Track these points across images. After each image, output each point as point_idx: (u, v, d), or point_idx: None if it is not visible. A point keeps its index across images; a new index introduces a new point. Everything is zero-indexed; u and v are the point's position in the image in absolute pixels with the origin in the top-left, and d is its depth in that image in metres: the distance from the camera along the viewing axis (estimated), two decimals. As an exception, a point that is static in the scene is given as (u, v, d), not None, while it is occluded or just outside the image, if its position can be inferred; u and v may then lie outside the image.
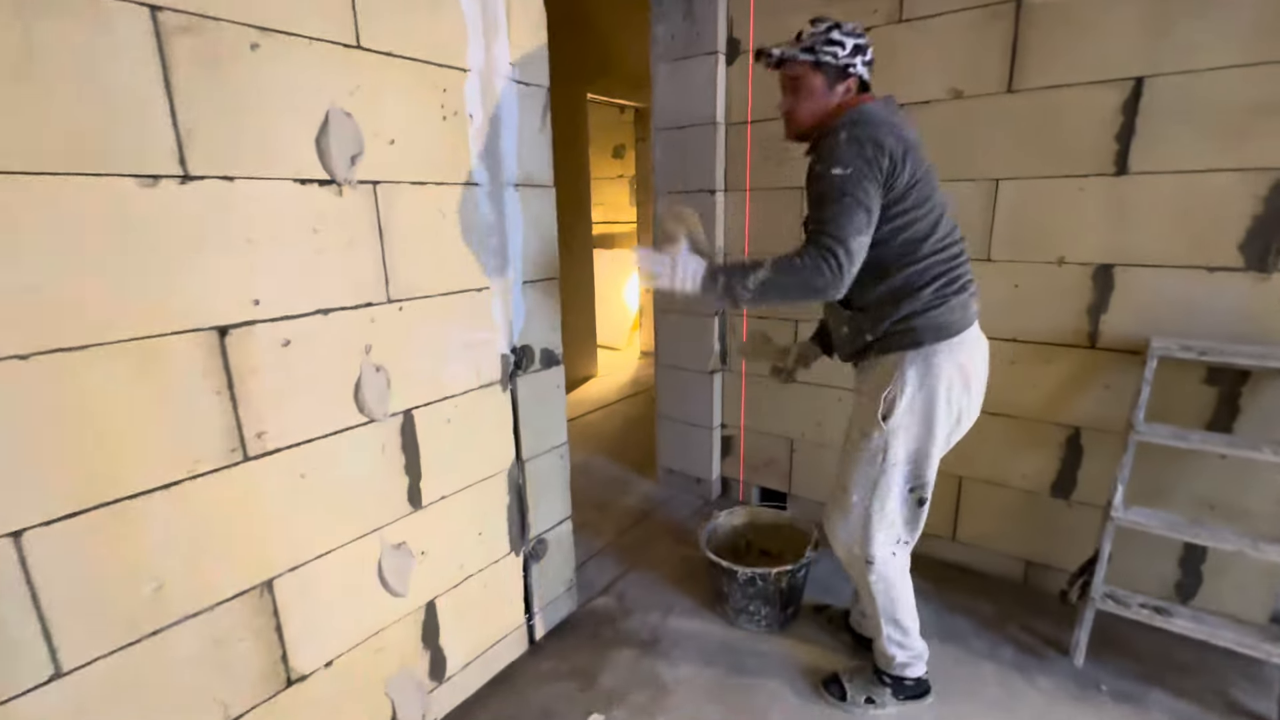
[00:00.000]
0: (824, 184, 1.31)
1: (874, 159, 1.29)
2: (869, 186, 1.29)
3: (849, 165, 1.28)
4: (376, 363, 1.33)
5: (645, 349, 5.69)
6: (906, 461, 1.44)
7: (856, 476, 1.49)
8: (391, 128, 1.28)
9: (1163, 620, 1.60)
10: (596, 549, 2.42)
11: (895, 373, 1.39)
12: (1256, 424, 1.67)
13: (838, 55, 1.38)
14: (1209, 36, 1.56)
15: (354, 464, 1.32)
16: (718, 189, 2.46)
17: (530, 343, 1.70)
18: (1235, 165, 1.59)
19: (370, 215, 1.27)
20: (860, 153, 1.28)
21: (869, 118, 1.34)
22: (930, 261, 1.37)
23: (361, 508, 1.35)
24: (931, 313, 1.36)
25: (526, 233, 1.63)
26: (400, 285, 1.35)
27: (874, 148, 1.29)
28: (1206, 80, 1.58)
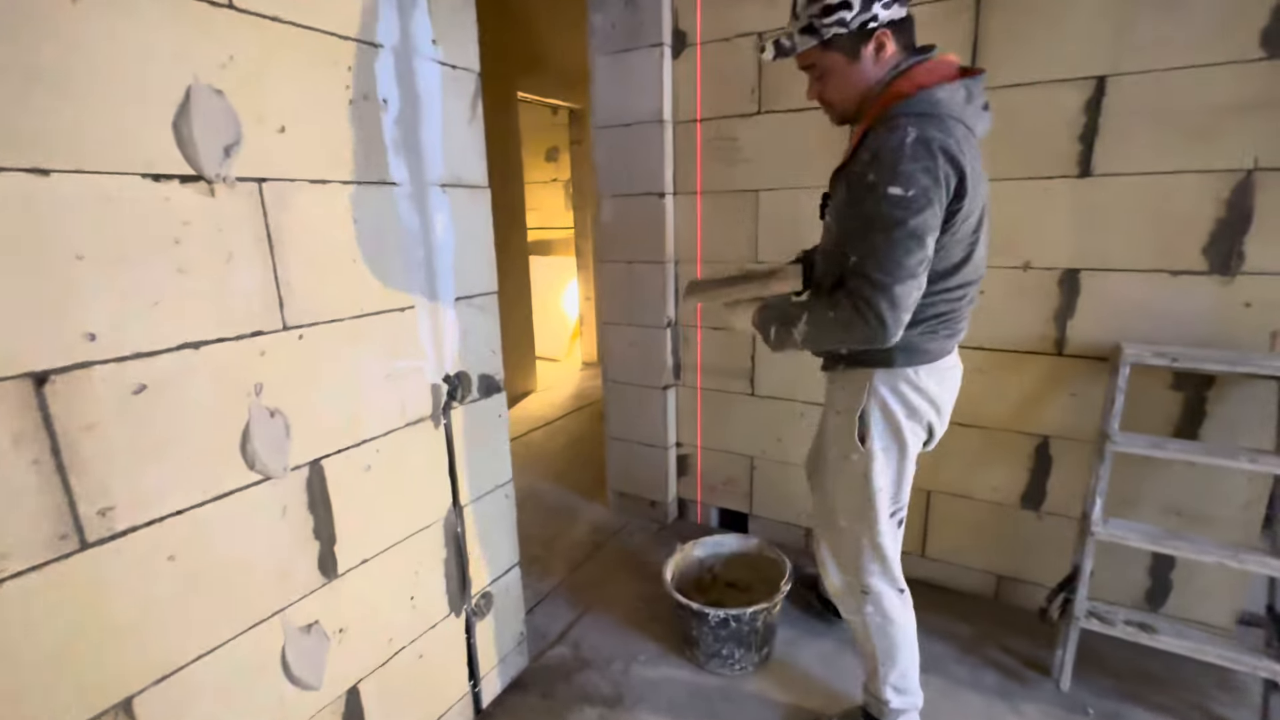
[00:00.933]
0: (873, 203, 1.08)
1: (944, 177, 1.06)
2: (932, 215, 1.07)
3: (911, 184, 1.05)
4: (270, 405, 1.06)
5: (587, 359, 5.47)
6: (890, 484, 1.33)
7: (843, 499, 1.38)
8: (280, 111, 1.02)
9: (1149, 638, 1.55)
10: (546, 590, 2.18)
11: (866, 390, 1.29)
12: (1223, 429, 1.65)
13: (845, 20, 1.12)
14: (1172, 34, 1.53)
15: (244, 534, 1.05)
16: (666, 192, 2.29)
17: (466, 369, 1.46)
18: (1199, 167, 1.56)
19: (255, 221, 1.01)
20: (929, 168, 1.05)
21: (944, 110, 1.09)
22: (941, 298, 1.22)
23: (256, 588, 1.08)
24: (913, 340, 1.24)
25: (458, 241, 1.39)
26: (299, 308, 1.09)
27: (946, 161, 1.05)
28: (1170, 80, 1.55)
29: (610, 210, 2.41)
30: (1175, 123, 1.56)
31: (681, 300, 1.47)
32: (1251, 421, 1.62)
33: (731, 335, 2.32)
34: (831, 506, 1.42)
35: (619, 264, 2.44)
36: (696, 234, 2.31)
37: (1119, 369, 1.58)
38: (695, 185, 2.27)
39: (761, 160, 2.13)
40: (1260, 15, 1.45)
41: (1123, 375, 1.58)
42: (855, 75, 1.20)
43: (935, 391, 1.29)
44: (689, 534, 2.50)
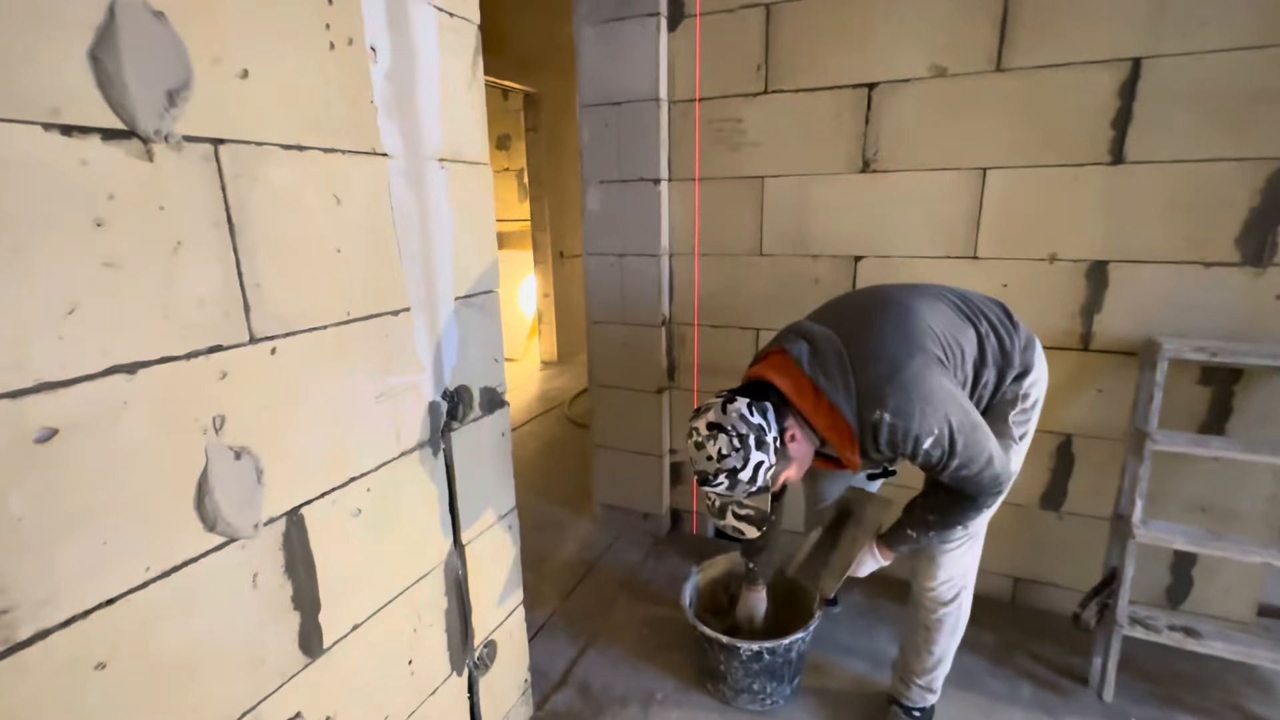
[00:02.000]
0: (926, 454, 1.10)
1: (939, 384, 1.10)
2: (960, 400, 1.11)
3: (933, 424, 1.07)
4: (236, 444, 0.80)
5: (546, 358, 5.21)
6: None
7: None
8: (243, 50, 0.76)
9: (1195, 643, 1.50)
10: (541, 621, 1.95)
11: (1018, 398, 1.32)
12: (1249, 424, 1.62)
13: (770, 463, 1.12)
14: (1212, 14, 1.46)
15: (202, 618, 0.78)
16: (661, 178, 2.09)
17: (467, 381, 1.22)
18: (1234, 155, 1.51)
19: (211, 197, 0.74)
20: (924, 404, 1.07)
21: (880, 363, 1.12)
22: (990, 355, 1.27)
23: (220, 685, 0.81)
24: (1017, 345, 1.30)
25: (458, 228, 1.15)
26: (271, 313, 0.83)
27: (929, 377, 1.09)
28: (1208, 63, 1.48)
29: (597, 198, 2.19)
30: (1211, 108, 1.50)
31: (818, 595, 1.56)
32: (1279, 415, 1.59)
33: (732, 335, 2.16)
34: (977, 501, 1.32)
35: (608, 257, 2.23)
36: (694, 224, 2.13)
37: (1157, 364, 1.52)
38: (693, 171, 2.08)
39: (768, 144, 1.96)
40: (1302, -3, 1.40)
41: (1161, 371, 1.52)
42: (805, 453, 1.21)
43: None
44: (685, 547, 2.33)
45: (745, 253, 2.07)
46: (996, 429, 1.26)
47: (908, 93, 1.77)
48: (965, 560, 1.38)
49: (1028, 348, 1.30)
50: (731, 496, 1.14)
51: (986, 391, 1.28)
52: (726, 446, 1.10)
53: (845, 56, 1.81)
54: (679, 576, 2.14)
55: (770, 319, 2.07)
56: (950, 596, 1.40)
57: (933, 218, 1.81)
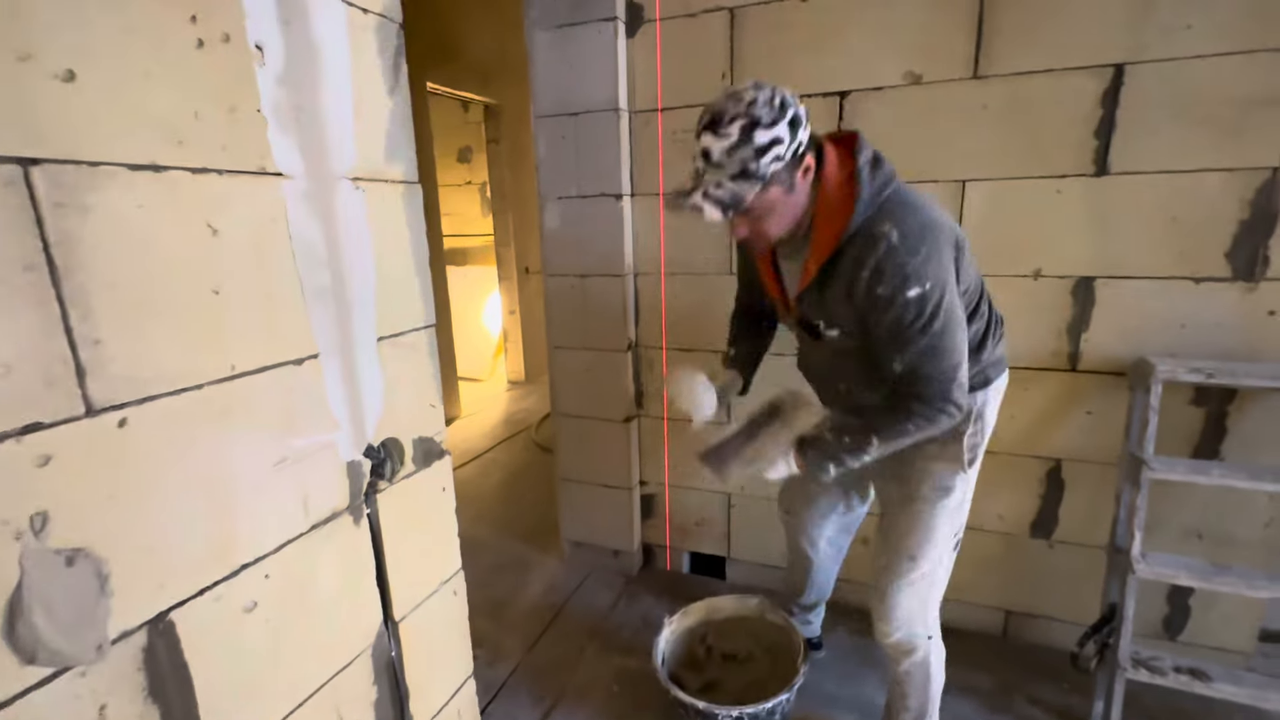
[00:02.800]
0: (898, 312, 1.03)
1: (940, 248, 1.03)
2: (953, 291, 1.05)
3: (925, 278, 1.00)
4: (65, 546, 0.62)
5: (513, 378, 5.02)
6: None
7: (933, 540, 1.25)
8: (64, 45, 0.59)
9: (1203, 686, 1.40)
10: (501, 679, 1.78)
11: (974, 415, 1.22)
12: (1245, 445, 1.55)
13: (781, 155, 0.99)
14: (1196, 18, 1.38)
15: (19, 778, 0.60)
16: (623, 193, 1.95)
17: (397, 433, 1.05)
18: (1222, 165, 1.43)
19: (20, 233, 0.57)
20: (927, 255, 1.00)
21: (897, 186, 1.07)
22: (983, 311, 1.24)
23: None
24: (997, 351, 1.28)
25: (380, 258, 0.99)
26: (117, 375, 0.66)
27: (933, 232, 1.03)
28: (1193, 69, 1.41)
29: (556, 215, 2.04)
30: (1197, 116, 1.43)
31: (709, 475, 1.35)
32: (1275, 435, 1.52)
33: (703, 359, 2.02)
34: (914, 553, 1.26)
35: (568, 278, 2.08)
36: (660, 242, 1.99)
37: (1150, 386, 1.43)
38: (658, 185, 1.95)
39: (735, 156, 1.84)
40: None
41: (1155, 394, 1.43)
42: (794, 203, 1.08)
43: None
44: (659, 586, 2.18)
45: (715, 271, 1.95)
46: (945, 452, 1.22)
47: (881, 101, 1.66)
48: (917, 602, 1.28)
49: (998, 363, 1.28)
50: (723, 166, 0.99)
51: None
52: (764, 102, 0.98)
53: (815, 63, 1.70)
54: (653, 621, 1.98)
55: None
56: (910, 647, 1.30)
57: (911, 233, 1.71)
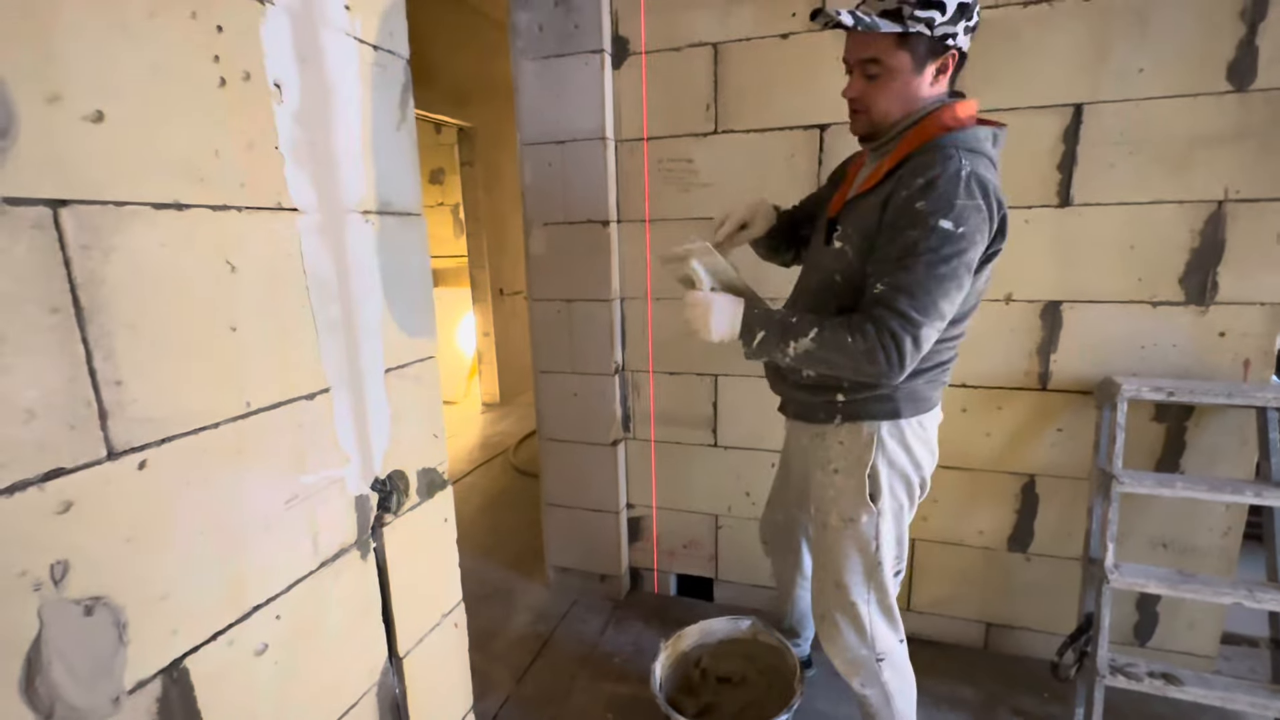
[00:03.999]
0: (919, 234, 1.01)
1: (991, 218, 1.02)
2: (974, 255, 1.03)
3: (963, 220, 0.99)
4: (85, 596, 0.60)
5: (488, 400, 4.97)
6: (895, 543, 1.28)
7: (850, 570, 1.26)
8: (93, 85, 0.59)
9: (1177, 690, 1.46)
10: (492, 712, 1.74)
11: (873, 445, 1.21)
12: (1202, 458, 1.64)
13: (934, 21, 1.00)
14: (1147, 63, 1.50)
15: (32, 843, 0.57)
16: (610, 219, 1.99)
17: (402, 465, 1.05)
18: (1174, 197, 1.54)
19: (46, 273, 0.56)
20: (980, 206, 1.00)
21: (987, 150, 1.08)
22: (950, 344, 1.20)
23: None
24: (918, 388, 1.20)
25: (387, 290, 0.99)
26: (138, 417, 0.64)
27: (995, 202, 1.02)
28: (1145, 109, 1.52)
29: (542, 241, 2.06)
30: (1151, 153, 1.54)
31: (661, 262, 1.35)
32: (1229, 450, 1.62)
33: (689, 382, 2.05)
34: (839, 580, 1.28)
35: (555, 303, 2.09)
36: (646, 268, 2.02)
37: (1116, 405, 1.51)
38: (644, 213, 1.99)
39: (719, 185, 1.90)
40: (1226, 49, 1.45)
41: (1121, 411, 1.51)
42: (912, 87, 1.09)
43: (933, 432, 1.27)
44: (648, 610, 2.17)
45: (700, 296, 1.98)
46: (848, 483, 1.23)
47: (859, 134, 1.74)
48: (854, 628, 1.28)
49: (920, 401, 1.21)
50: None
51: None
52: None
53: (796, 97, 1.77)
54: (643, 645, 1.98)
55: (729, 364, 1.98)
56: (856, 669, 1.30)
57: (889, 259, 1.78)
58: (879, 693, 1.31)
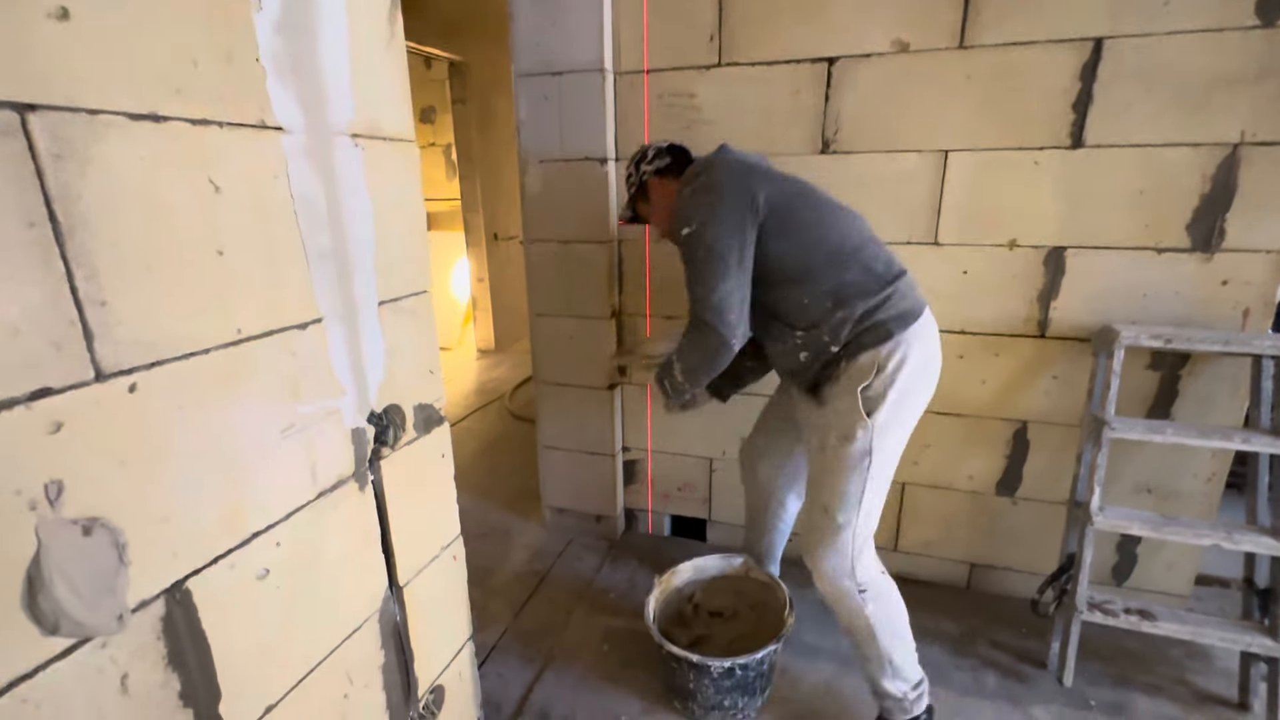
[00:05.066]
0: (681, 251, 1.33)
1: (731, 201, 1.27)
2: (726, 234, 1.26)
3: (693, 219, 1.28)
4: (82, 516, 0.60)
5: (483, 347, 4.95)
6: (890, 464, 1.31)
7: (842, 491, 1.29)
8: (57, -21, 0.55)
9: (1151, 625, 1.52)
10: (492, 643, 1.80)
11: (873, 368, 1.25)
12: (1193, 406, 1.66)
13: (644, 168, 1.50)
14: (1173, -6, 1.43)
15: (46, 749, 0.59)
16: (608, 157, 1.93)
17: (398, 400, 1.04)
18: (1189, 139, 1.50)
19: (19, 184, 0.54)
20: (708, 202, 1.28)
21: (718, 166, 1.34)
22: (860, 257, 1.30)
23: (79, 826, 0.63)
24: (890, 302, 1.27)
25: (379, 219, 0.96)
26: (125, 338, 0.63)
27: (729, 188, 1.28)
28: (1167, 45, 1.46)
29: (538, 179, 2.00)
30: (1169, 92, 1.49)
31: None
32: (1221, 398, 1.63)
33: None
34: (827, 504, 1.31)
35: (551, 244, 2.05)
36: (645, 208, 1.97)
37: (1114, 352, 1.51)
38: (643, 150, 1.92)
39: (723, 122, 1.83)
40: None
41: (1118, 358, 1.51)
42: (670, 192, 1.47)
43: (932, 347, 1.31)
44: (642, 550, 2.23)
45: (700, 239, 1.95)
46: (844, 404, 1.26)
47: (869, 69, 1.67)
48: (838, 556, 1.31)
49: (900, 318, 1.25)
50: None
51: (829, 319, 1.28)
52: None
53: (804, 27, 1.69)
54: (637, 582, 2.04)
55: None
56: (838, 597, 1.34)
57: (894, 202, 1.74)
58: (863, 625, 1.34)
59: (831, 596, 1.36)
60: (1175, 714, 1.53)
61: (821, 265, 1.28)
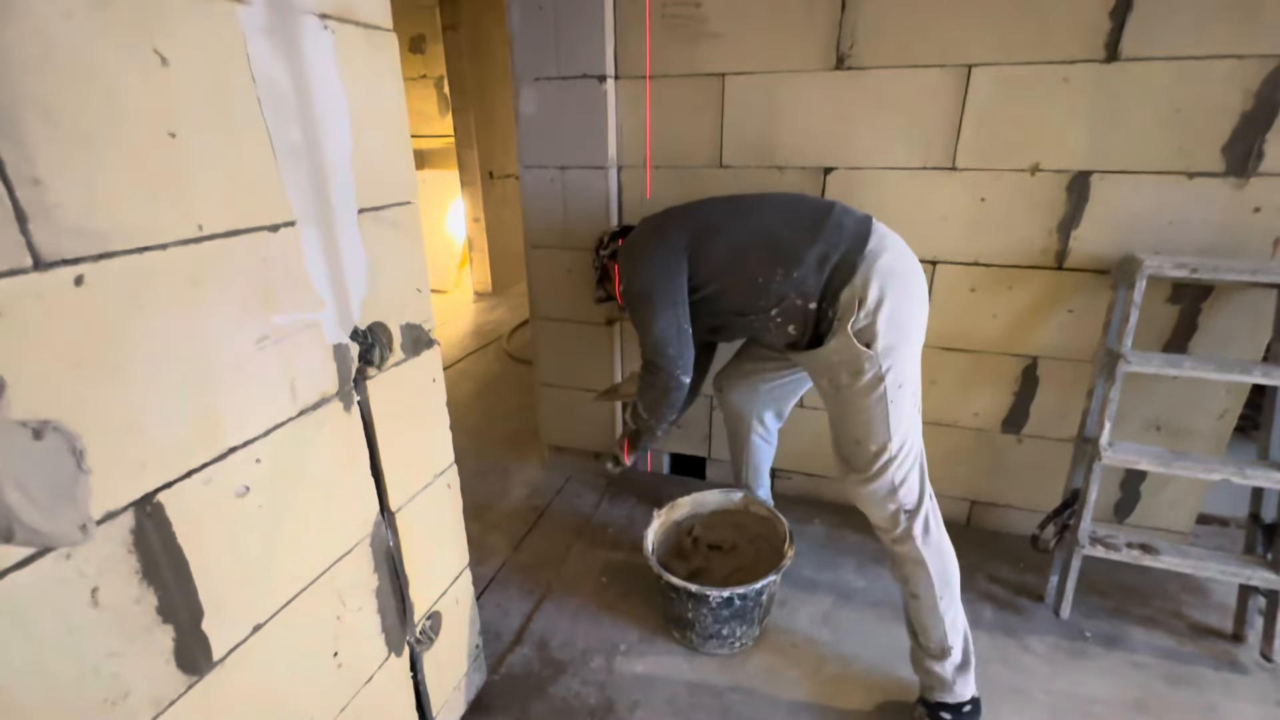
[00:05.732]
0: (627, 310, 1.48)
1: (653, 265, 1.39)
2: (644, 275, 1.39)
3: (627, 277, 1.44)
4: (31, 418, 0.55)
5: (480, 289, 4.86)
6: (910, 379, 1.25)
7: (868, 421, 1.24)
8: None
9: (1152, 559, 1.51)
10: (491, 575, 1.81)
11: (853, 303, 1.21)
12: (1213, 341, 1.60)
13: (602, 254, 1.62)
14: (1231, -118, 1.29)
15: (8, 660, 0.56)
16: (607, 75, 1.80)
17: (383, 317, 0.98)
18: (1235, 51, 1.39)
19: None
20: (638, 268, 1.41)
21: (641, 236, 1.47)
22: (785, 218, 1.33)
23: (56, 737, 0.60)
24: (836, 238, 1.25)
25: (355, 116, 0.87)
26: (69, 225, 0.56)
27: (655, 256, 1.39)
28: (1219, -59, 1.33)
29: (533, 99, 1.88)
30: (1217, -3, 1.37)
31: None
32: (1240, 333, 1.58)
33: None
34: (858, 438, 1.26)
35: (547, 170, 1.95)
36: (645, 131, 1.87)
37: (1135, 283, 1.45)
38: (644, 67, 1.80)
39: (730, 35, 1.70)
40: None
41: (1139, 289, 1.45)
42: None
43: (900, 252, 1.26)
44: (640, 487, 2.22)
45: (703, 164, 1.85)
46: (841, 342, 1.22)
47: (891, -27, 1.54)
48: (878, 482, 1.25)
49: (852, 248, 1.24)
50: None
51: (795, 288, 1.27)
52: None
53: (820, -70, 1.54)
54: (636, 518, 2.03)
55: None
56: (888, 525, 1.27)
57: (911, 123, 1.64)
58: (917, 566, 1.26)
59: (879, 526, 1.30)
60: (1170, 645, 1.54)
61: (751, 244, 1.32)
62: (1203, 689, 1.42)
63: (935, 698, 1.28)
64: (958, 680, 1.27)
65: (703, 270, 1.37)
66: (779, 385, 1.66)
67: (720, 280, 1.36)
